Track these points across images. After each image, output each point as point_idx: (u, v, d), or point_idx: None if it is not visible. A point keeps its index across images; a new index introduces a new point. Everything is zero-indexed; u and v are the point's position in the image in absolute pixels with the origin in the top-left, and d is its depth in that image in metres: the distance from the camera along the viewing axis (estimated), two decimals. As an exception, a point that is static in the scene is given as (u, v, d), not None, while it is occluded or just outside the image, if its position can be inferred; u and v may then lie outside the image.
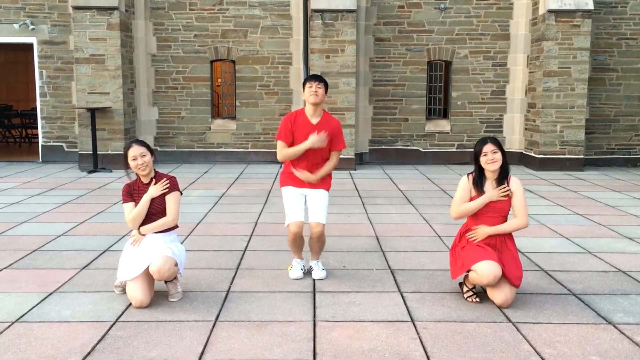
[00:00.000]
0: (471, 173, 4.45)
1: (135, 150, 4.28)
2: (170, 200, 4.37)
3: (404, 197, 8.66)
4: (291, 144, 4.80)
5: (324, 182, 4.92)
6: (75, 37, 11.19)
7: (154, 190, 4.32)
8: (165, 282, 4.34)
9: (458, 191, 4.42)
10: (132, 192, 4.39)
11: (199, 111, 12.35)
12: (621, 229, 6.74)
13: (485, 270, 4.14)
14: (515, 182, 4.45)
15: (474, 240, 4.34)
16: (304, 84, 4.83)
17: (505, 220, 4.39)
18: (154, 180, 4.38)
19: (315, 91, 4.71)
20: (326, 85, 4.82)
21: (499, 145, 4.36)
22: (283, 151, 4.82)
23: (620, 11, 12.14)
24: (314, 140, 4.67)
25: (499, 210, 4.36)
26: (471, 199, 4.38)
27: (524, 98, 12.34)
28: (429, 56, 12.32)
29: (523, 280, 4.84)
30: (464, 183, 4.41)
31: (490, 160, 4.30)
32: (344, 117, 11.43)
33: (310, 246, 4.97)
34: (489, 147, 4.32)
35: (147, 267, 4.22)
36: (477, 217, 4.38)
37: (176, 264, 4.30)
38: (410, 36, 12.24)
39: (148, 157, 4.31)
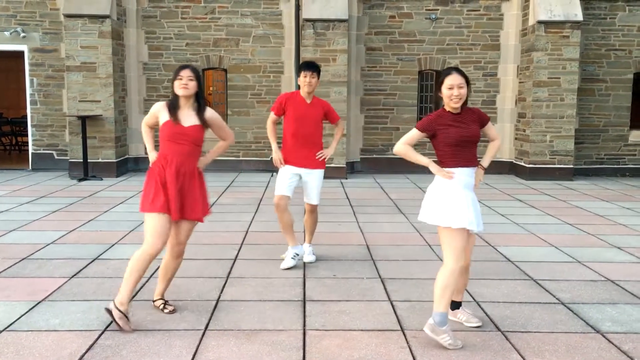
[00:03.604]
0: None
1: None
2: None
3: (394, 206, 8.68)
4: (280, 115, 5.55)
5: (321, 161, 5.54)
6: (67, 45, 11.17)
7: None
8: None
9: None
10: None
11: (191, 119, 12.32)
12: (610, 238, 6.78)
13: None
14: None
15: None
16: (299, 72, 5.48)
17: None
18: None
19: (309, 82, 5.40)
20: (319, 73, 5.50)
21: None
22: (268, 124, 5.62)
23: (609, 22, 12.27)
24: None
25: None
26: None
27: (514, 108, 12.42)
28: (420, 66, 12.38)
29: (512, 288, 4.89)
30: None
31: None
32: (336, 126, 11.44)
33: (304, 222, 5.72)
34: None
35: None
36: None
37: None
38: (402, 46, 12.31)
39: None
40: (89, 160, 11.11)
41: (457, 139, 3.79)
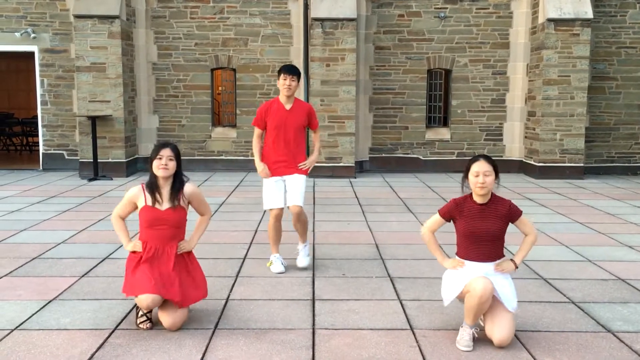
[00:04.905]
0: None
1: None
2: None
3: (403, 205, 8.66)
4: (264, 129, 5.37)
5: (304, 170, 5.41)
6: (77, 46, 11.23)
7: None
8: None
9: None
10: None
11: (200, 119, 12.38)
12: (621, 237, 6.74)
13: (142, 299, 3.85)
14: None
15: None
16: (278, 74, 5.32)
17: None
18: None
19: (289, 85, 5.25)
20: (299, 77, 5.34)
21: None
22: (253, 139, 5.42)
23: (619, 20, 12.19)
24: None
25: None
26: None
27: (523, 106, 12.36)
28: (429, 64, 12.35)
29: (522, 288, 4.86)
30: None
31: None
32: (344, 125, 11.44)
33: (294, 226, 5.47)
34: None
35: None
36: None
37: None
38: (410, 44, 12.28)
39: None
40: (99, 160, 11.16)
41: (468, 233, 3.74)
